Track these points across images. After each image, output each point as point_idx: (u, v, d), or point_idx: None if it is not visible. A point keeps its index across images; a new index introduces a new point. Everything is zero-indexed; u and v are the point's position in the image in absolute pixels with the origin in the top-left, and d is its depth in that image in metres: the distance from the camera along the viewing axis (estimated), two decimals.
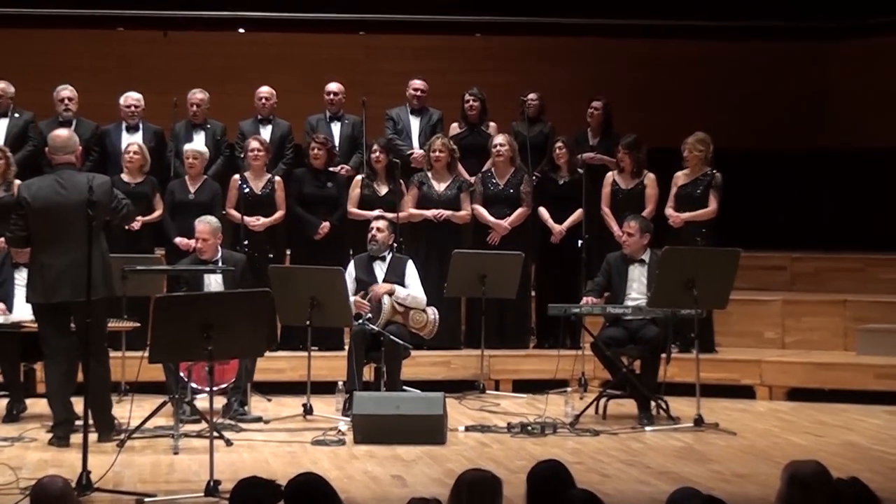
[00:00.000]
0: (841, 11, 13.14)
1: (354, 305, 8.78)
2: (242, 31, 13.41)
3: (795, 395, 9.63)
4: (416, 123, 10.93)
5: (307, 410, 8.57)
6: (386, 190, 10.21)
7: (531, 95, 11.14)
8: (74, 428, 7.67)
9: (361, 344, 8.69)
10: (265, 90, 10.87)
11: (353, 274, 9.08)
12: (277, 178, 10.23)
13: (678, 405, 8.78)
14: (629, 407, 8.78)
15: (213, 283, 8.81)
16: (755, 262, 11.28)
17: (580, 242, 10.05)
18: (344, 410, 8.54)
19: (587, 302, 8.82)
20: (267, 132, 10.72)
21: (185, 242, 9.73)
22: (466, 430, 8.29)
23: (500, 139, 10.38)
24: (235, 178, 10.13)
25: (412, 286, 9.08)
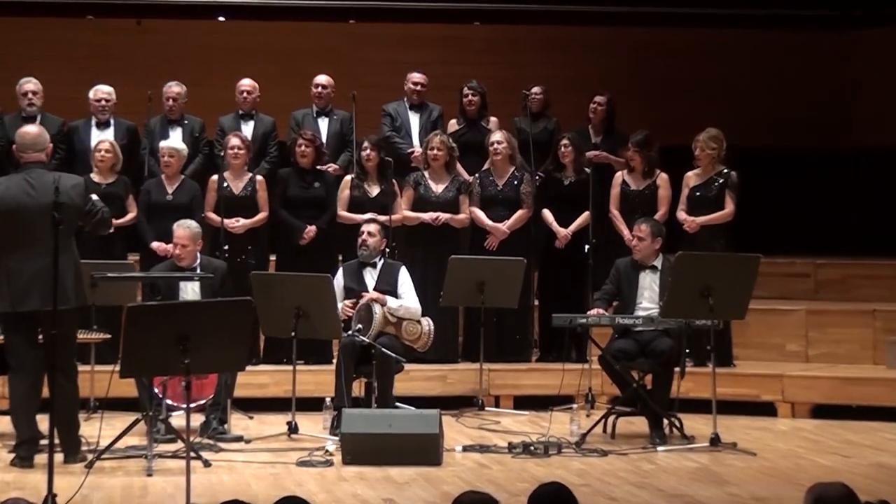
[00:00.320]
0: None
1: (342, 311, 8.79)
2: (222, 18, 13.44)
3: (820, 412, 9.64)
4: (415, 120, 10.94)
5: (292, 429, 8.57)
6: (377, 191, 10.22)
7: (535, 89, 11.16)
8: (39, 447, 7.67)
9: (351, 357, 8.69)
10: (247, 83, 10.87)
11: (341, 282, 9.08)
12: (259, 177, 10.24)
13: (693, 423, 8.78)
14: (640, 425, 8.78)
15: (190, 291, 8.81)
16: (776, 268, 11.30)
17: (587, 247, 10.05)
18: (332, 429, 8.54)
19: (594, 312, 8.83)
20: (249, 128, 10.72)
21: (162, 247, 9.73)
22: (464, 450, 8.29)
23: (497, 136, 10.39)
24: (214, 178, 10.13)
25: (405, 295, 9.08)
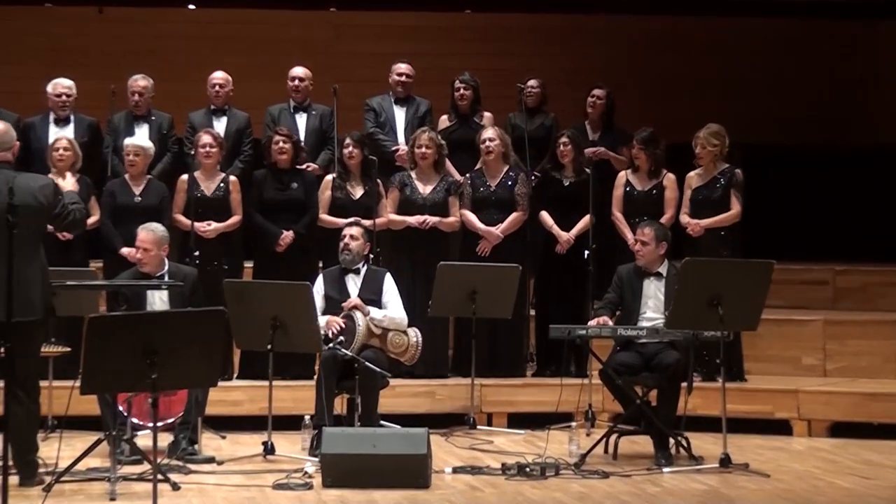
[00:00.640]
0: None
1: (326, 325, 8.79)
2: (192, 6, 13.45)
3: (839, 430, 9.65)
4: (401, 115, 10.96)
5: (268, 449, 8.56)
6: (361, 192, 10.23)
7: (531, 82, 11.19)
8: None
9: (332, 372, 8.69)
10: (219, 76, 10.89)
11: (321, 290, 9.09)
12: (233, 177, 10.24)
13: (701, 443, 8.79)
14: (644, 445, 8.79)
15: (157, 300, 8.80)
16: (791, 275, 11.32)
17: (587, 253, 10.06)
18: (311, 449, 8.54)
19: (595, 322, 8.84)
20: (221, 125, 10.73)
21: (134, 254, 9.69)
22: (454, 471, 8.29)
23: (489, 133, 10.41)
24: (184, 178, 10.13)
25: (391, 304, 9.09)
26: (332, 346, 8.68)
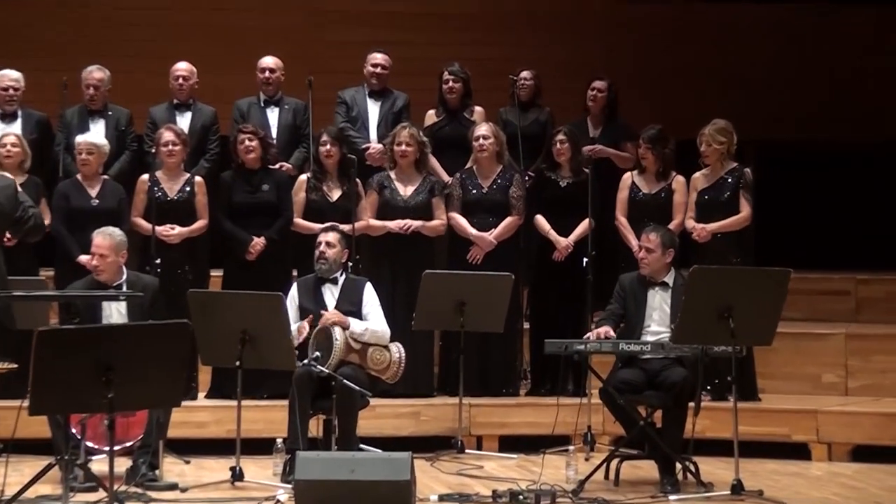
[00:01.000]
0: None
1: (296, 332, 8.80)
2: None
3: (862, 454, 9.66)
4: (374, 109, 10.98)
5: (236, 475, 8.56)
6: (339, 194, 10.24)
7: (524, 74, 11.21)
8: None
9: (306, 390, 8.69)
10: (183, 67, 10.90)
11: (295, 301, 9.09)
12: (198, 178, 10.25)
13: (711, 468, 8.82)
14: (648, 470, 8.80)
15: (114, 312, 8.79)
16: (810, 284, 11.35)
17: (585, 260, 10.08)
18: (284, 475, 8.54)
19: (595, 336, 8.85)
20: (185, 120, 10.75)
21: (90, 261, 9.68)
22: (440, 499, 8.29)
23: (482, 130, 10.43)
24: (144, 178, 10.14)
25: (372, 316, 9.10)
26: (306, 362, 8.68)
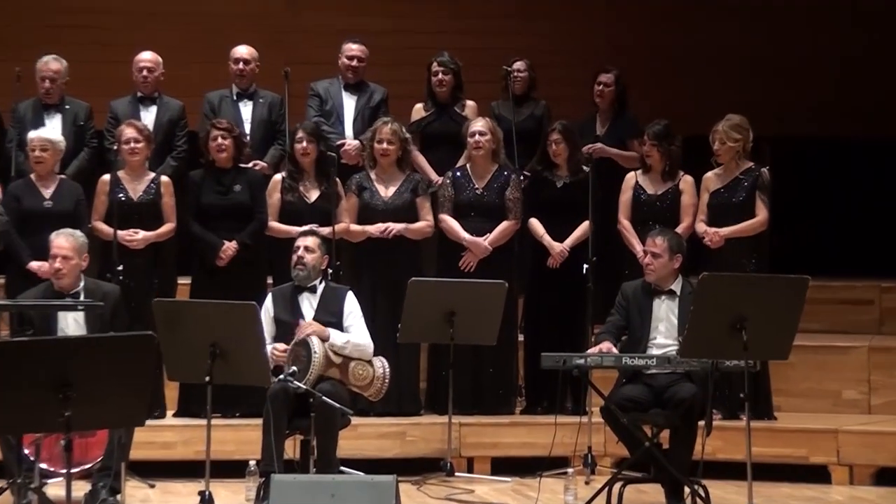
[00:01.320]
0: None
1: (272, 356, 8.79)
2: None
3: (886, 477, 9.68)
4: (350, 103, 10.99)
5: (205, 500, 8.54)
6: (317, 194, 10.24)
7: (517, 65, 11.21)
8: None
9: (282, 408, 8.68)
10: (147, 57, 10.88)
11: (270, 311, 9.09)
12: (164, 178, 10.24)
13: (722, 492, 8.83)
14: (654, 494, 8.82)
15: (71, 323, 8.79)
16: (830, 293, 11.36)
17: (586, 267, 10.09)
18: (258, 500, 8.54)
19: (596, 349, 8.85)
20: (150, 115, 10.75)
21: (44, 268, 9.66)
22: None
23: (479, 125, 10.43)
24: (105, 178, 10.13)
25: (354, 327, 9.09)
26: (282, 377, 8.68)
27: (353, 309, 9.16)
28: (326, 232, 9.75)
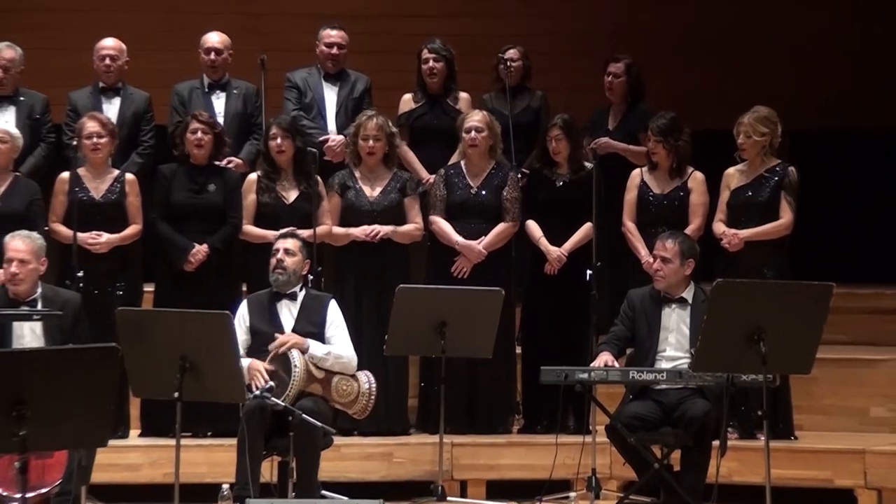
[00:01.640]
0: None
1: (248, 373, 8.78)
2: None
3: None
4: (332, 94, 11.00)
5: None
6: (296, 194, 10.24)
7: (510, 53, 11.20)
8: None
9: (258, 427, 8.68)
10: (110, 44, 10.88)
11: (245, 320, 9.09)
12: (129, 175, 10.24)
13: None
14: None
15: (27, 334, 8.79)
16: (857, 302, 11.36)
17: (589, 273, 10.08)
18: None
19: (600, 363, 8.86)
20: (113, 108, 10.76)
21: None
22: None
23: (475, 119, 10.42)
24: (64, 176, 10.12)
25: (336, 339, 9.09)
26: (258, 393, 8.67)
27: (335, 318, 9.16)
28: (307, 235, 9.73)
